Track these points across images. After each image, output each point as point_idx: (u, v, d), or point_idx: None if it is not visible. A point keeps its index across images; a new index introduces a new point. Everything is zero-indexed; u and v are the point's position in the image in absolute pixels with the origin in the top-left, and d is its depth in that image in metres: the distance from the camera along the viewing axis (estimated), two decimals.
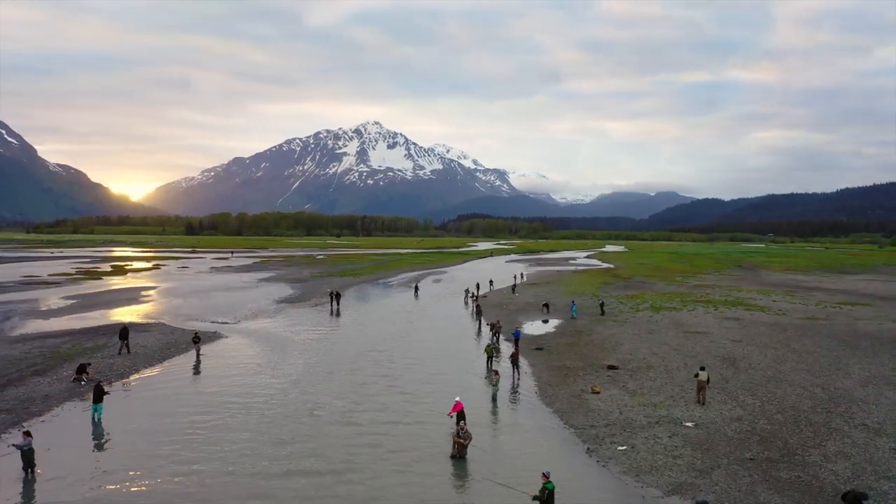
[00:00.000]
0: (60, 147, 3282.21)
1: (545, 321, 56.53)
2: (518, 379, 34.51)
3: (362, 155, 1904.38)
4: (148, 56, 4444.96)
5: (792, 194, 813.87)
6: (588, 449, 23.80)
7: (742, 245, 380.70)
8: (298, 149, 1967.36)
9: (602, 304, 60.83)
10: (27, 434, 20.94)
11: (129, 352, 39.38)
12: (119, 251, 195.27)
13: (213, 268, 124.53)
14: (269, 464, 22.11)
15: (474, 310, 60.88)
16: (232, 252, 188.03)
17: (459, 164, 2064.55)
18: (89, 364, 33.55)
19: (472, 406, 29.13)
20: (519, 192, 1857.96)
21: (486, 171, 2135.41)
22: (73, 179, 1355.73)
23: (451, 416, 26.14)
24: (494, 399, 30.08)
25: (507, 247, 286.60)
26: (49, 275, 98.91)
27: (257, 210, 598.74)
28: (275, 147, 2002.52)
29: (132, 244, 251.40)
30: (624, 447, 23.74)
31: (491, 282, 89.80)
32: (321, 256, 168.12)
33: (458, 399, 26.70)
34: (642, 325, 52.62)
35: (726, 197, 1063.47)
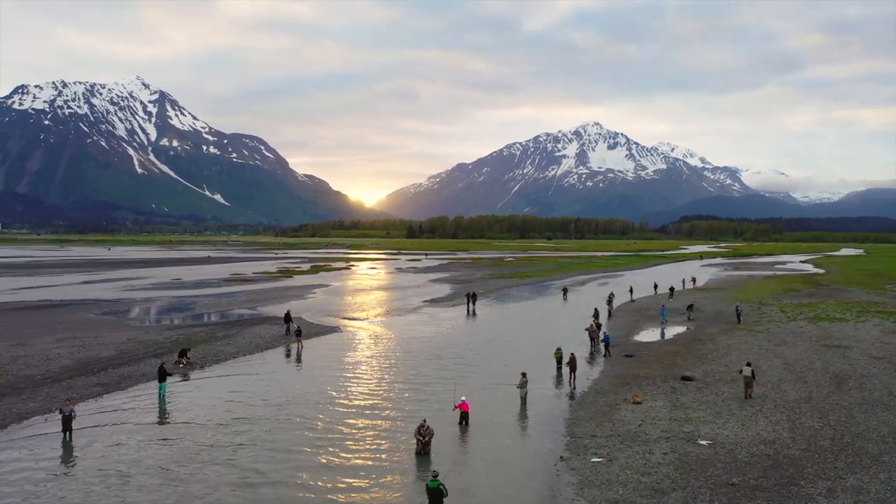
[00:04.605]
0: (307, 159, 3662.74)
1: (687, 328, 53.06)
2: (574, 384, 33.47)
3: (581, 157, 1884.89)
4: (379, 72, 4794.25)
5: None
6: (562, 457, 22.81)
7: None
8: (518, 153, 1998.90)
9: (739, 312, 55.66)
10: (69, 402, 25.12)
11: (288, 333, 46.62)
12: (332, 253, 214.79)
13: (398, 268, 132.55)
14: (251, 440, 24.35)
15: (607, 314, 60.18)
16: (426, 254, 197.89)
17: (685, 162, 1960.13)
18: (189, 350, 38.51)
19: (499, 407, 29.19)
20: (752, 192, 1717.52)
21: (714, 169, 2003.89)
22: (317, 188, 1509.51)
23: (455, 410, 26.60)
24: (523, 401, 29.61)
25: (720, 250, 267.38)
26: (252, 273, 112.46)
27: (479, 213, 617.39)
28: (495, 152, 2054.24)
29: (349, 246, 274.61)
30: (600, 459, 22.39)
31: (655, 285, 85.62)
32: (510, 259, 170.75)
33: (463, 399, 26.93)
34: (777, 336, 47.47)
35: None
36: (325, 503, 19.64)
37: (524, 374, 30.23)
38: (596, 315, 54.26)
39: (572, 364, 33.88)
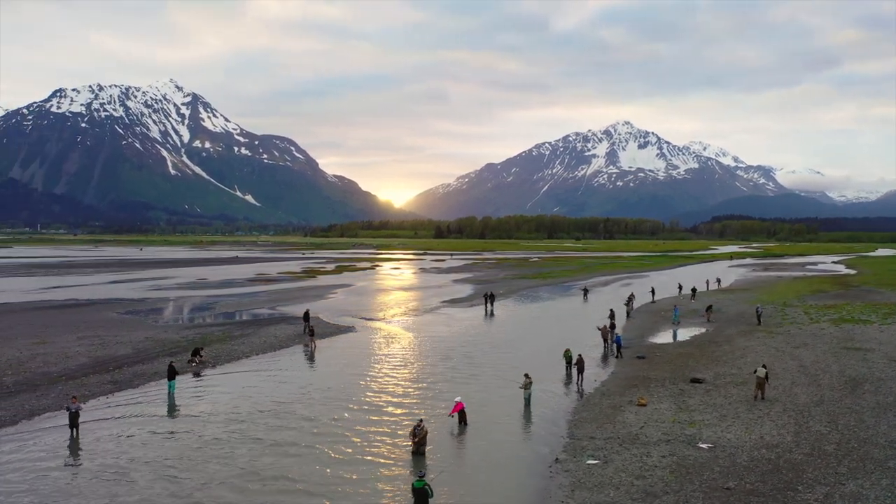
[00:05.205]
0: (337, 160, 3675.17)
1: (705, 329, 52.43)
2: (581, 385, 33.34)
3: (612, 156, 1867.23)
4: (410, 73, 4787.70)
5: None
6: (557, 458, 22.70)
7: None
8: (548, 153, 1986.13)
9: (759, 314, 54.76)
10: (75, 399, 25.69)
11: (305, 331, 46.17)
12: (358, 253, 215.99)
13: (422, 269, 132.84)
14: (251, 434, 24.67)
15: (625, 315, 60.08)
16: (452, 254, 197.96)
17: (717, 161, 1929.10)
18: (202, 349, 39.10)
19: (502, 408, 29.19)
20: (787, 191, 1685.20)
21: (747, 168, 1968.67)
22: (346, 188, 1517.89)
23: (452, 416, 26.55)
24: (527, 402, 29.51)
25: (751, 250, 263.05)
26: (277, 273, 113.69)
27: (508, 214, 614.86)
28: (525, 152, 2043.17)
29: (376, 247, 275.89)
30: (596, 461, 22.22)
31: (679, 286, 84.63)
32: (535, 259, 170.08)
33: (458, 399, 26.94)
34: (796, 339, 46.59)
35: None
36: (314, 498, 19.83)
37: (527, 375, 30.10)
38: (611, 316, 53.82)
39: (580, 365, 33.73)
